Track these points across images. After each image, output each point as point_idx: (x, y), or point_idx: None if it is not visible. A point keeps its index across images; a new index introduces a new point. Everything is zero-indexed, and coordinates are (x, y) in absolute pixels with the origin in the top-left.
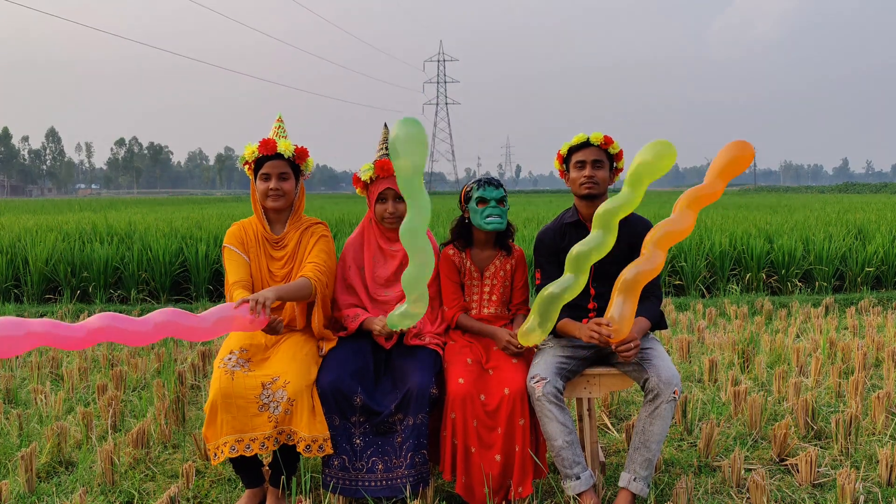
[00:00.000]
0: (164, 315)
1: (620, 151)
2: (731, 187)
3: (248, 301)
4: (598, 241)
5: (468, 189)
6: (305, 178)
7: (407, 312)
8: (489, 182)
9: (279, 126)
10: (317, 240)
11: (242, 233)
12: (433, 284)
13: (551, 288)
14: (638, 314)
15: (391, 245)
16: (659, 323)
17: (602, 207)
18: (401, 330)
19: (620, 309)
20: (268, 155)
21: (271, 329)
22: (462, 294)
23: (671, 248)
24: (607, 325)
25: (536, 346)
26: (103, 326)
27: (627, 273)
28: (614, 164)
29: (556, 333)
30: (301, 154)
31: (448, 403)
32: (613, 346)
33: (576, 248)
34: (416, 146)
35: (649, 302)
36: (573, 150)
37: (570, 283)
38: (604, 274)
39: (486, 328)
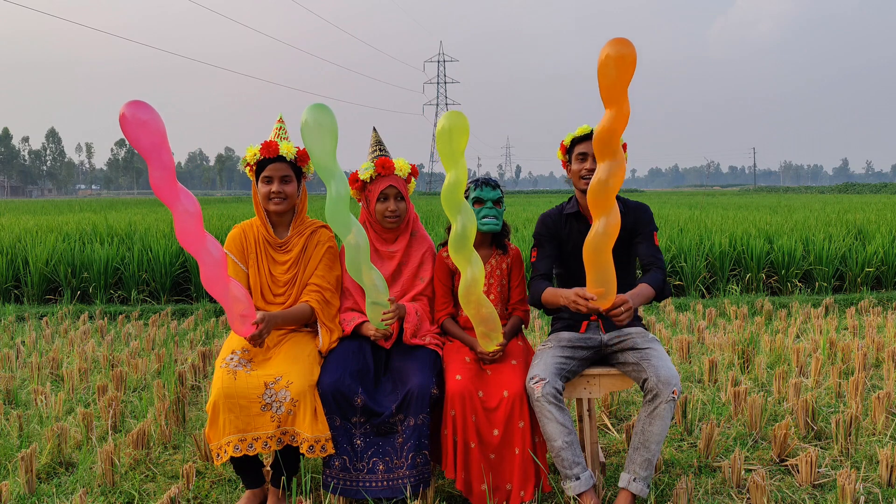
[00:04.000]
0: (214, 244)
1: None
2: (731, 187)
3: (256, 315)
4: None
5: (465, 189)
6: (307, 179)
7: (370, 302)
8: (486, 182)
9: (280, 127)
10: (323, 251)
11: (242, 237)
12: (431, 284)
13: (463, 281)
14: (641, 282)
15: (387, 246)
16: (663, 291)
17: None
18: (396, 330)
19: (599, 276)
20: (269, 157)
21: (253, 340)
22: (452, 298)
23: (671, 249)
24: (592, 299)
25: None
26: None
27: (588, 244)
28: None
29: (548, 310)
30: (303, 156)
31: (447, 401)
32: (604, 312)
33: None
34: (324, 132)
35: (652, 271)
36: (576, 141)
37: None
38: None
39: (465, 337)
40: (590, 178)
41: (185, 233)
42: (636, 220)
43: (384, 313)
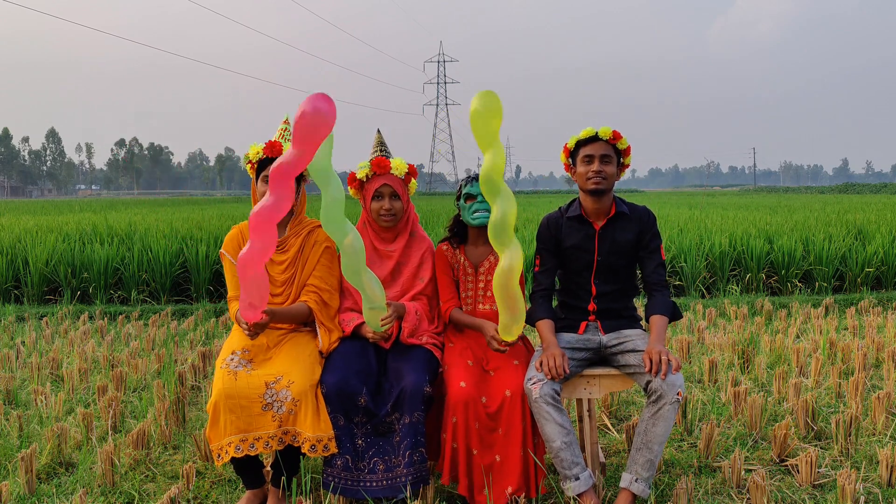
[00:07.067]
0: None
1: (628, 147)
2: (731, 187)
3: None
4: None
5: (460, 186)
6: (307, 182)
7: (367, 308)
8: (477, 178)
9: (285, 128)
10: (321, 252)
11: (240, 238)
12: (430, 283)
13: (500, 269)
14: (651, 312)
15: (386, 245)
16: (674, 315)
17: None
18: (395, 330)
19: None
20: (272, 157)
21: (254, 327)
22: (456, 290)
23: (671, 249)
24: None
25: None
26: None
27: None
28: (621, 160)
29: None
30: None
31: (450, 407)
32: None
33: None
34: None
35: (658, 296)
36: (581, 143)
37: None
38: (607, 269)
39: (476, 321)
40: (597, 180)
41: (267, 214)
42: (641, 226)
43: (382, 319)
